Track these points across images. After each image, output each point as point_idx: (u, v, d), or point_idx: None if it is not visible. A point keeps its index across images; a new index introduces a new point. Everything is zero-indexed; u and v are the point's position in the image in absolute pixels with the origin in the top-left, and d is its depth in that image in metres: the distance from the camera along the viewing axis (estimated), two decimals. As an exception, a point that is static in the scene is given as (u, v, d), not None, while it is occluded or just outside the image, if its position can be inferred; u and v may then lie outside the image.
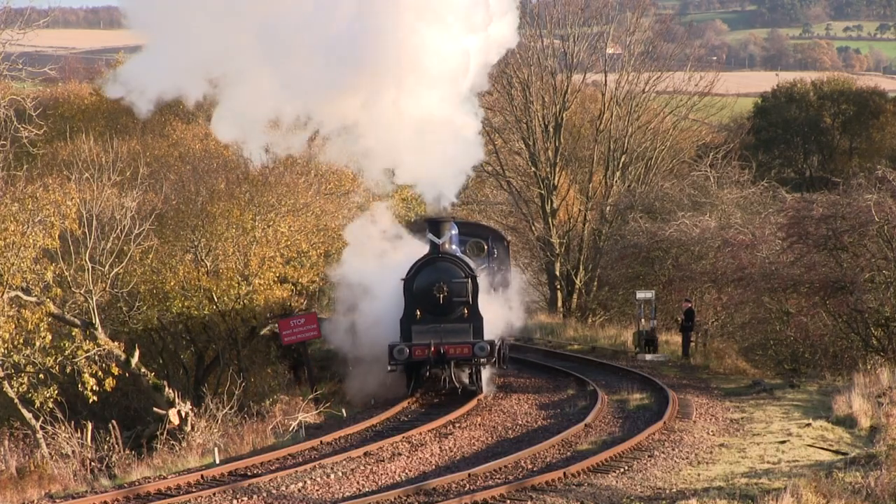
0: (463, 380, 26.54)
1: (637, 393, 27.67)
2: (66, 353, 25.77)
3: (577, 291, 48.40)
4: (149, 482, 19.98)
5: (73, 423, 25.17)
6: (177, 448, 23.62)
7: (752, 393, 28.31)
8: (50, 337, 25.41)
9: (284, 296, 31.57)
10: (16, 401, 25.89)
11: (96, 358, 26.07)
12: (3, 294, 24.83)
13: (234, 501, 18.56)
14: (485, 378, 27.23)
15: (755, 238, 36.15)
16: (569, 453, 21.89)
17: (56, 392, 26.08)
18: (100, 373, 26.01)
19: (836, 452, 21.80)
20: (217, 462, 21.70)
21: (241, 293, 30.82)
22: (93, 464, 23.62)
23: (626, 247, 41.81)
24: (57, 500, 19.21)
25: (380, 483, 19.89)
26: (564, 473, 19.67)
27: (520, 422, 25.21)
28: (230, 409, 25.72)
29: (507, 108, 49.34)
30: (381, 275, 28.12)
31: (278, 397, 27.75)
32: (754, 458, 21.29)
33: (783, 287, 33.14)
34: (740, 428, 24.14)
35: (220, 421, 25.22)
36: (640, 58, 50.30)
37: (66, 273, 26.50)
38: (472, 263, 27.53)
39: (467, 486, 19.31)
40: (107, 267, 27.55)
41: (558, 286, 48.93)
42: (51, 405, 25.78)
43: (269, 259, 31.30)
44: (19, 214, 25.60)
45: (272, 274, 31.26)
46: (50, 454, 24.24)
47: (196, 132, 43.59)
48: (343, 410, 26.71)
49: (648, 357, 34.16)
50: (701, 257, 38.65)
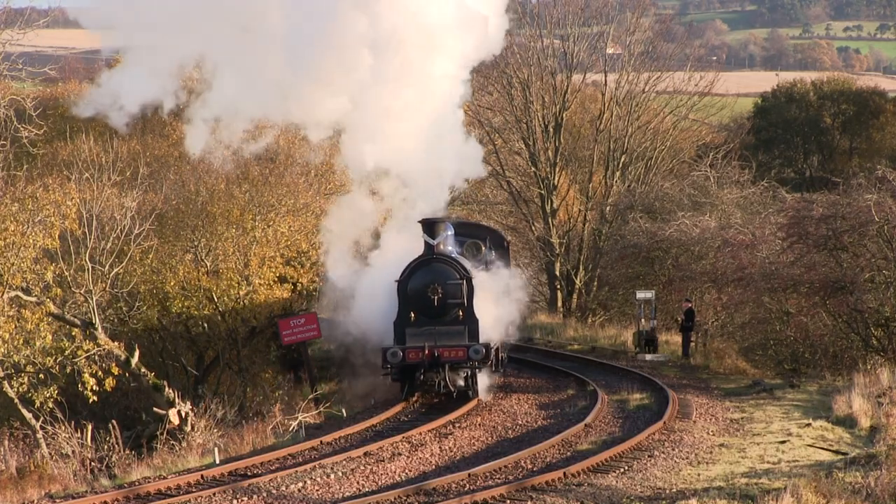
0: (458, 383, 26.00)
1: (637, 393, 27.65)
2: (66, 353, 25.78)
3: (577, 291, 48.38)
4: (149, 482, 19.96)
5: (73, 423, 25.18)
6: (177, 448, 23.62)
7: (752, 393, 28.31)
8: (50, 337, 25.41)
9: (284, 296, 31.57)
10: (16, 401, 25.90)
11: (96, 358, 26.08)
12: (3, 294, 24.85)
13: (234, 501, 18.55)
14: (482, 385, 26.78)
15: (755, 238, 36.12)
16: (569, 453, 21.88)
17: (56, 392, 26.09)
18: (100, 373, 26.03)
19: (836, 452, 21.79)
20: (217, 462, 21.68)
21: (241, 293, 30.82)
22: (93, 464, 23.62)
23: (626, 247, 41.78)
24: (57, 500, 19.19)
25: (380, 483, 19.88)
26: (564, 473, 19.67)
27: (520, 422, 25.18)
28: (230, 408, 25.72)
29: (507, 108, 49.34)
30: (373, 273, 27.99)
31: (278, 397, 27.74)
32: (754, 458, 21.29)
33: (783, 287, 33.11)
34: (740, 428, 24.13)
35: (219, 421, 25.22)
36: (640, 58, 50.28)
37: (66, 273, 26.50)
38: (468, 264, 27.05)
39: (467, 486, 19.31)
40: (107, 267, 27.56)
41: (558, 286, 48.91)
42: (51, 405, 25.79)
43: (269, 259, 31.31)
44: (19, 214, 25.62)
45: (272, 274, 31.27)
46: (50, 454, 24.24)
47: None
48: (343, 410, 26.69)
49: (648, 357, 34.16)
50: (701, 257, 38.62)
